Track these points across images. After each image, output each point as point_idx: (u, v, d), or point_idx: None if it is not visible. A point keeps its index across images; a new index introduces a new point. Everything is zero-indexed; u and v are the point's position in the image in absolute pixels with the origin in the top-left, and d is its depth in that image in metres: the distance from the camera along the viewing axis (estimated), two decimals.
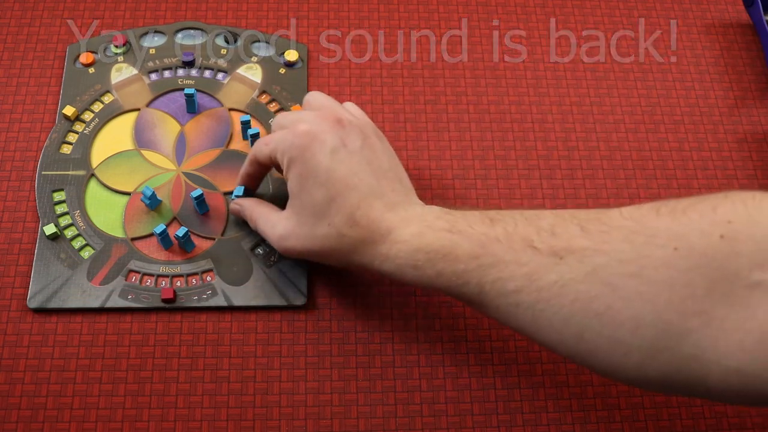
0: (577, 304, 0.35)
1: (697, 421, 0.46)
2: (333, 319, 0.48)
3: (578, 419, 0.46)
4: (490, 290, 0.38)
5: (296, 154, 0.42)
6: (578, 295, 0.35)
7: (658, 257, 0.33)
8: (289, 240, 0.44)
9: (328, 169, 0.42)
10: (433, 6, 0.60)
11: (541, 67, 0.57)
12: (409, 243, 0.40)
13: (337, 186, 0.42)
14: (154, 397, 0.45)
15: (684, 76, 0.58)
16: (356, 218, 0.41)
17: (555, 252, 0.36)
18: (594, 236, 0.35)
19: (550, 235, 0.37)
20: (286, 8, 0.59)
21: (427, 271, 0.40)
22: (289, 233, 0.44)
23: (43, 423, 0.44)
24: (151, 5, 0.58)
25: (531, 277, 0.36)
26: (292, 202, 0.44)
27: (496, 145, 0.54)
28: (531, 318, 0.37)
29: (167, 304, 0.47)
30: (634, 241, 0.34)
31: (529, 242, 0.37)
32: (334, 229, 0.42)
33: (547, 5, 0.60)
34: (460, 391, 0.46)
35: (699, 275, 0.32)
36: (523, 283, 0.36)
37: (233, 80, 0.55)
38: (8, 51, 0.56)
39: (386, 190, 0.43)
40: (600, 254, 0.35)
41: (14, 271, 0.48)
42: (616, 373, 0.35)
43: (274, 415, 0.45)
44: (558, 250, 0.36)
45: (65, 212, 0.49)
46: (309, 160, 0.42)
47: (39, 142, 0.52)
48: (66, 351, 0.46)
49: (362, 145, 0.43)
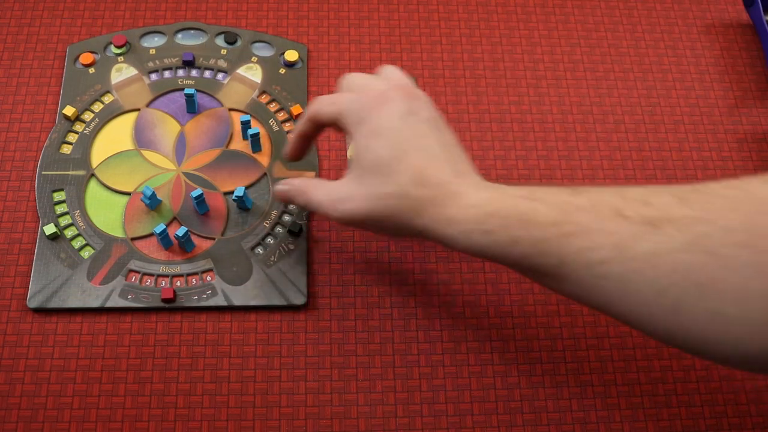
0: (676, 275, 0.32)
1: (697, 421, 0.46)
2: (333, 319, 0.48)
3: (578, 419, 0.46)
4: (572, 261, 0.35)
5: (365, 115, 0.40)
6: (677, 265, 0.32)
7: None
8: (349, 203, 0.40)
9: (398, 129, 0.40)
10: (433, 6, 0.60)
11: (541, 67, 0.57)
12: (482, 207, 0.37)
13: (404, 145, 0.39)
14: (154, 397, 0.45)
15: (684, 76, 0.58)
16: (424, 178, 0.39)
17: (649, 221, 0.33)
18: (695, 205, 0.33)
19: (642, 205, 0.34)
20: (286, 8, 0.59)
21: (500, 237, 0.37)
22: (349, 196, 0.40)
23: (43, 423, 0.44)
24: (151, 5, 0.58)
25: (621, 247, 0.34)
26: (353, 164, 0.41)
27: (496, 145, 0.54)
28: (620, 291, 0.34)
29: (167, 304, 0.47)
30: (742, 209, 0.32)
31: (617, 211, 0.34)
32: (400, 188, 0.39)
33: (547, 5, 0.60)
34: (460, 391, 0.46)
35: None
36: (611, 254, 0.34)
37: (233, 80, 0.55)
38: (8, 51, 0.56)
39: (455, 158, 0.40)
40: (703, 223, 0.32)
41: (14, 271, 0.48)
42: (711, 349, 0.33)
43: (274, 415, 0.45)
44: (653, 219, 0.33)
45: (65, 212, 0.49)
46: (378, 118, 0.40)
47: (39, 142, 0.52)
48: (66, 351, 0.46)
49: (432, 117, 0.41)
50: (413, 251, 0.50)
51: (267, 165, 0.52)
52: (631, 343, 0.48)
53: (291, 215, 0.50)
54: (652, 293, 0.33)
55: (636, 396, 0.47)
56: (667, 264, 0.33)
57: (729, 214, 0.32)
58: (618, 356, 0.48)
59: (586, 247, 0.34)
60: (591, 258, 0.34)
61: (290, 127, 0.53)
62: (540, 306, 0.49)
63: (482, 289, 0.49)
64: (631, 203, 0.34)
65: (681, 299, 0.32)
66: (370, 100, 0.41)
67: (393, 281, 0.49)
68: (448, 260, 0.50)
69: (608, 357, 0.48)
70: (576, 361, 0.48)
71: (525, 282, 0.50)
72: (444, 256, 0.50)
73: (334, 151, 0.53)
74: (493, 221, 0.37)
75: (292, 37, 0.57)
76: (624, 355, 0.48)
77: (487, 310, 0.49)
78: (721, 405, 0.47)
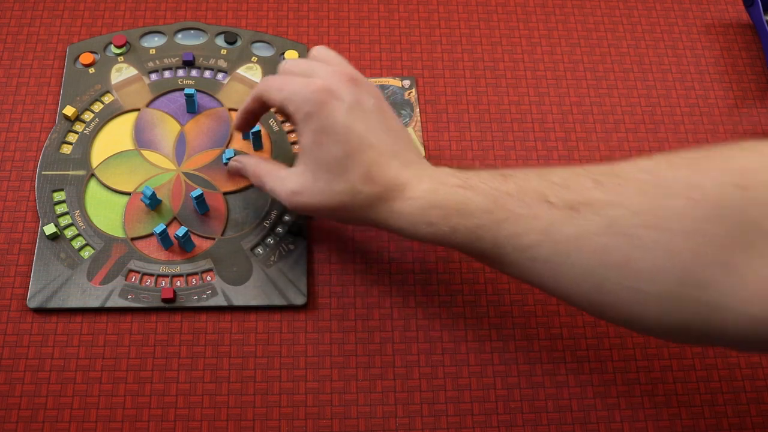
0: (596, 256, 0.35)
1: (697, 421, 0.46)
2: (333, 319, 0.48)
3: (578, 419, 0.46)
4: (505, 245, 0.38)
5: (313, 110, 0.42)
6: (597, 247, 0.35)
7: (673, 207, 0.33)
8: (302, 196, 0.43)
9: (346, 126, 0.41)
10: (433, 6, 0.60)
11: (541, 67, 0.57)
12: (423, 199, 0.40)
13: (354, 143, 0.41)
14: (154, 397, 0.45)
15: (684, 76, 0.58)
16: (373, 175, 0.41)
17: (570, 205, 0.36)
18: (608, 189, 0.35)
19: (563, 189, 0.37)
20: (286, 8, 0.59)
21: (441, 227, 0.40)
22: (302, 189, 0.43)
23: (43, 423, 0.44)
24: (151, 5, 0.58)
25: (547, 231, 0.36)
26: (304, 157, 0.43)
27: (496, 145, 0.54)
28: (549, 272, 0.37)
29: (167, 304, 0.47)
30: (649, 192, 0.34)
31: (542, 196, 0.37)
32: (350, 186, 0.41)
33: (547, 5, 0.60)
34: (460, 391, 0.46)
35: (716, 225, 0.32)
36: (539, 237, 0.37)
37: (233, 80, 0.55)
38: (8, 51, 0.56)
39: (401, 149, 0.43)
40: (615, 206, 0.35)
41: (14, 271, 0.48)
42: (636, 323, 0.36)
43: (274, 415, 0.45)
44: (573, 203, 0.36)
45: (65, 212, 0.49)
46: (326, 117, 0.41)
47: (39, 142, 0.52)
48: (66, 351, 0.46)
49: (376, 105, 0.43)
50: (413, 251, 0.50)
51: None
52: (631, 343, 0.48)
53: (291, 215, 0.50)
54: (578, 274, 0.36)
55: (636, 396, 0.47)
56: (589, 246, 0.35)
57: (638, 197, 0.34)
58: (618, 356, 0.48)
59: (516, 232, 0.37)
60: (521, 242, 0.37)
61: (290, 126, 0.53)
62: (540, 306, 0.49)
63: (482, 289, 0.49)
64: (554, 188, 0.37)
65: (604, 278, 0.35)
66: (317, 94, 0.42)
67: (393, 281, 0.49)
68: (447, 260, 0.50)
69: (608, 357, 0.48)
70: (576, 361, 0.48)
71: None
72: (444, 256, 0.50)
73: None
74: (434, 212, 0.40)
75: (292, 37, 0.57)
76: (624, 355, 0.48)
77: (487, 310, 0.49)
78: (721, 405, 0.47)
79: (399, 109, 0.55)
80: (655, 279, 0.34)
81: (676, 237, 0.33)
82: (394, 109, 0.55)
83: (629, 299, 0.35)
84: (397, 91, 0.56)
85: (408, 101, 0.55)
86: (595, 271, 0.35)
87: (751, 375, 0.48)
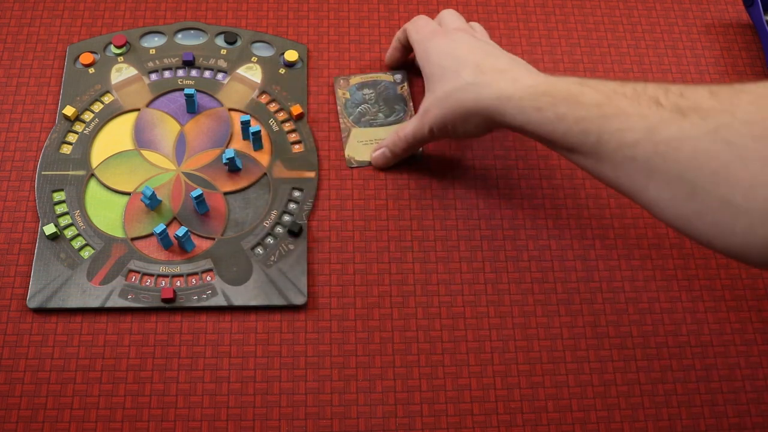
0: (694, 161, 0.35)
1: (697, 421, 0.46)
2: (333, 319, 0.48)
3: (578, 419, 0.46)
4: (608, 140, 0.39)
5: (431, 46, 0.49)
6: (696, 152, 0.35)
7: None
8: (431, 110, 0.48)
9: (452, 41, 0.48)
10: (433, 6, 0.60)
11: (541, 67, 0.57)
12: (536, 87, 0.43)
13: (460, 50, 0.48)
14: (154, 397, 0.45)
15: (684, 76, 0.58)
16: (483, 66, 0.46)
17: (679, 109, 0.36)
18: (722, 98, 0.35)
19: (677, 96, 0.37)
20: (286, 8, 0.59)
21: (548, 113, 0.41)
22: (429, 104, 0.48)
23: (43, 423, 0.44)
24: (151, 5, 0.58)
25: (651, 130, 0.37)
26: (427, 83, 0.49)
27: (496, 145, 0.54)
28: (645, 172, 0.37)
29: (167, 304, 0.47)
30: (763, 105, 0.34)
31: (655, 99, 0.37)
32: (463, 81, 0.46)
33: (547, 5, 0.60)
34: (460, 391, 0.46)
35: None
36: (642, 136, 0.37)
37: (233, 80, 0.55)
38: (8, 51, 0.56)
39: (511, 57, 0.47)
40: (725, 114, 0.34)
41: (14, 271, 0.48)
42: (719, 238, 0.35)
43: (274, 415, 0.45)
44: (682, 108, 0.36)
45: (65, 212, 0.49)
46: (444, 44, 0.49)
47: (39, 142, 0.52)
48: (66, 351, 0.46)
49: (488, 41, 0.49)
50: (413, 251, 0.50)
51: (267, 165, 0.52)
52: (631, 344, 0.48)
53: (291, 215, 0.50)
54: (673, 177, 0.36)
55: (636, 396, 0.47)
56: (688, 149, 0.35)
57: (751, 108, 0.34)
58: (618, 356, 0.48)
59: (621, 128, 0.38)
60: (624, 139, 0.38)
61: (290, 126, 0.53)
62: (540, 306, 0.49)
63: (482, 289, 0.49)
64: (669, 94, 0.37)
65: (697, 185, 0.35)
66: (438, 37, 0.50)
67: (393, 281, 0.49)
68: (447, 260, 0.50)
69: (608, 357, 0.48)
70: (576, 361, 0.48)
71: (525, 282, 0.50)
72: (444, 256, 0.50)
73: (333, 151, 0.53)
74: (544, 99, 0.42)
75: (292, 37, 0.57)
76: (624, 355, 0.48)
77: (488, 310, 0.49)
78: (721, 405, 0.47)
79: (393, 104, 0.55)
80: (750, 193, 0.33)
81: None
82: (388, 105, 0.55)
83: (718, 210, 0.34)
84: (389, 85, 0.56)
85: (401, 96, 0.55)
86: (689, 175, 0.35)
87: (751, 375, 0.48)
